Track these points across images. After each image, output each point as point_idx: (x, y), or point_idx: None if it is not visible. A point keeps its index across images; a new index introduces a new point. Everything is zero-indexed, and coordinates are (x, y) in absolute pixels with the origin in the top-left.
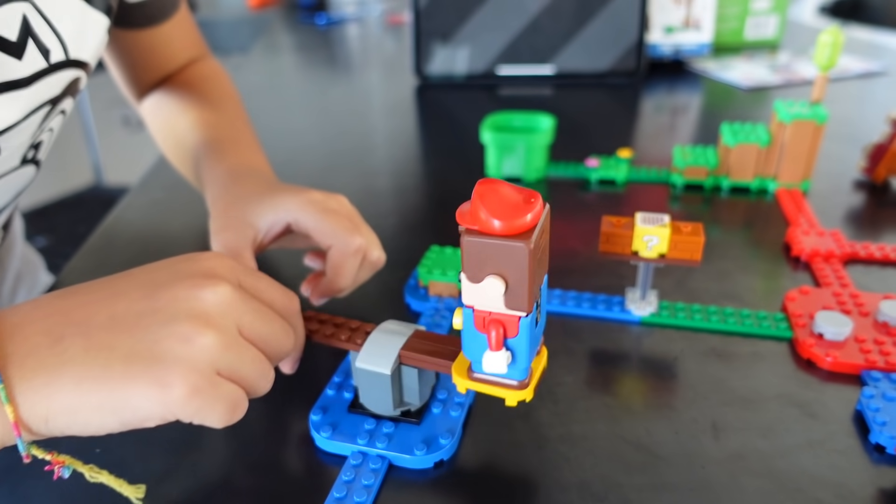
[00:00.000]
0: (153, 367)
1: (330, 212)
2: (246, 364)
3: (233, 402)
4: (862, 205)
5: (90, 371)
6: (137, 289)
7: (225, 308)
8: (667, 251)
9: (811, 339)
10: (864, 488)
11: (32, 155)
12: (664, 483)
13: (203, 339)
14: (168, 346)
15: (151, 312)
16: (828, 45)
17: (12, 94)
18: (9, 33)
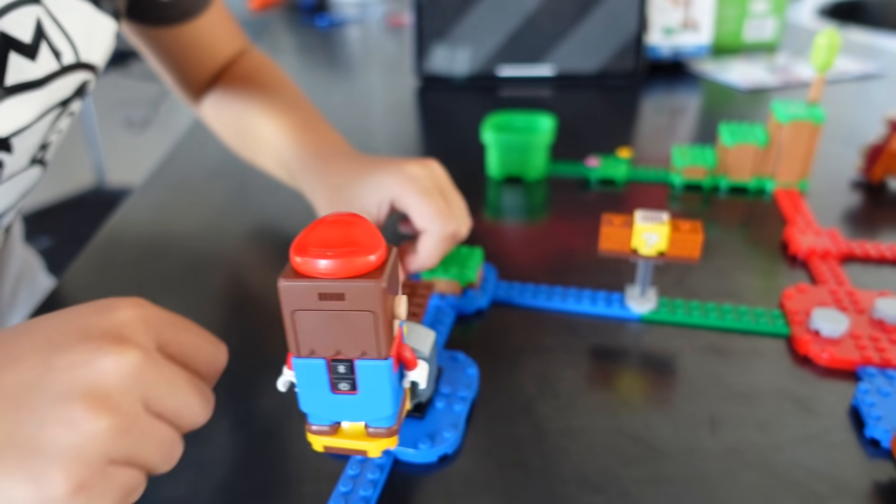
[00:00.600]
0: (31, 461)
1: (428, 194)
2: (147, 446)
3: (126, 490)
4: (859, 204)
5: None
6: (33, 352)
7: (128, 381)
8: (666, 249)
9: (808, 336)
10: (859, 481)
11: (41, 156)
12: (662, 476)
13: (93, 424)
14: (52, 434)
15: (40, 387)
16: (824, 47)
17: (27, 95)
18: (24, 35)
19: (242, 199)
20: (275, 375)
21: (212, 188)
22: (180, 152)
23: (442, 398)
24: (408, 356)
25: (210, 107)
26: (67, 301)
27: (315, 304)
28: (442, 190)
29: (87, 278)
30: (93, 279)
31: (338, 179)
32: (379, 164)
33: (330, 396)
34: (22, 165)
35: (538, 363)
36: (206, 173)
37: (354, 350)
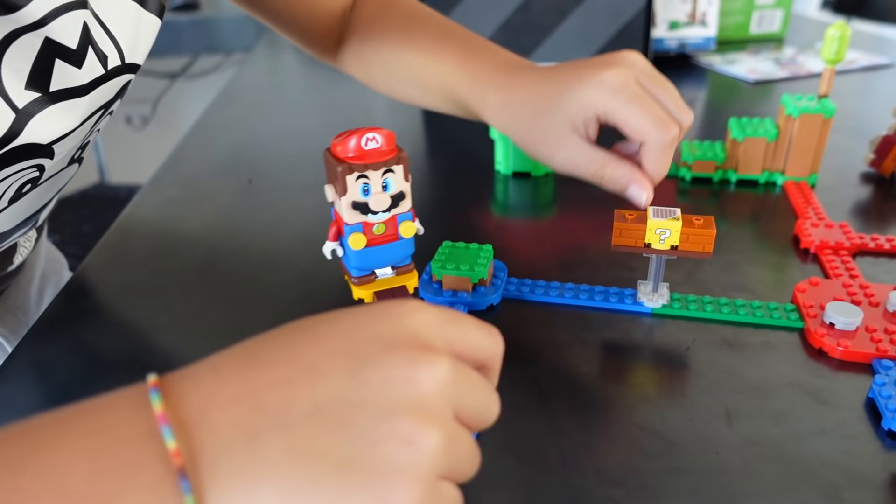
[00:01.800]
0: (373, 482)
1: (638, 99)
2: (463, 457)
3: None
4: (870, 197)
5: (297, 483)
6: (339, 364)
7: (443, 392)
8: (679, 244)
9: (822, 329)
10: (877, 473)
11: (79, 154)
12: (680, 468)
13: (428, 440)
14: (388, 452)
15: (361, 402)
16: (835, 39)
17: (72, 102)
18: (70, 42)
19: (251, 197)
20: None
21: (219, 185)
22: (186, 150)
23: None
24: None
25: (353, 59)
26: (82, 298)
27: None
28: (649, 86)
29: (99, 275)
30: (104, 276)
31: (528, 103)
32: (572, 76)
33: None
34: (62, 166)
35: (552, 358)
36: (214, 170)
37: None
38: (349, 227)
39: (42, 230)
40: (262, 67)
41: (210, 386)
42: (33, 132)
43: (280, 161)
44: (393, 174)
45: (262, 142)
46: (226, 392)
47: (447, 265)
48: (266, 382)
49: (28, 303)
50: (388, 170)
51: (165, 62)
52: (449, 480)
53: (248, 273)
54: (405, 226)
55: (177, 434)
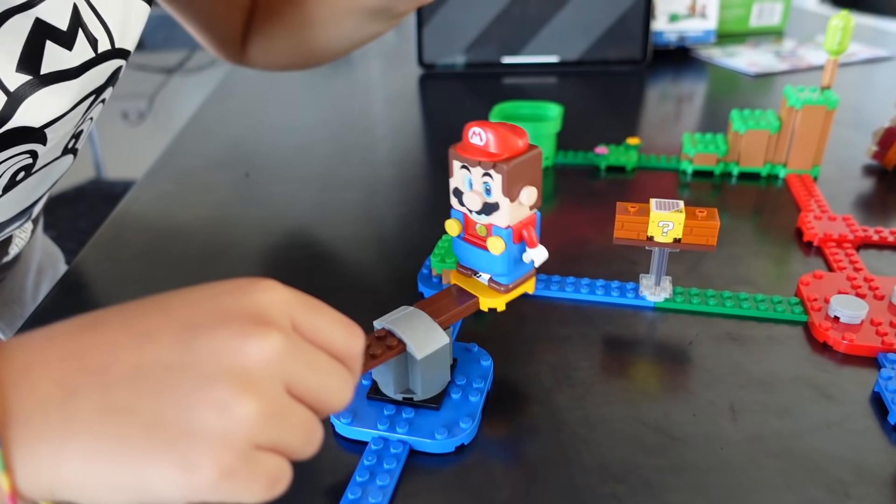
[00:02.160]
0: (178, 443)
1: None
2: (291, 431)
3: (272, 477)
4: (872, 190)
5: (103, 442)
6: (170, 331)
7: (272, 365)
8: (682, 236)
9: (827, 323)
10: (883, 468)
11: (73, 144)
12: (683, 464)
13: (242, 408)
14: (199, 416)
15: (183, 368)
16: (838, 30)
17: (63, 85)
18: (61, 23)
19: (246, 192)
20: None
21: (214, 179)
22: (182, 144)
23: (457, 389)
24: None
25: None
26: (77, 293)
27: None
28: None
29: (94, 270)
30: (99, 271)
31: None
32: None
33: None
34: (55, 155)
35: (553, 353)
36: (209, 164)
37: None
38: (452, 212)
39: (38, 223)
40: None
41: (40, 347)
42: (25, 115)
43: (277, 155)
44: (491, 180)
45: (259, 136)
46: (54, 353)
47: (447, 259)
48: (94, 345)
49: (24, 296)
50: (486, 173)
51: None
52: (274, 452)
53: (244, 268)
54: (493, 240)
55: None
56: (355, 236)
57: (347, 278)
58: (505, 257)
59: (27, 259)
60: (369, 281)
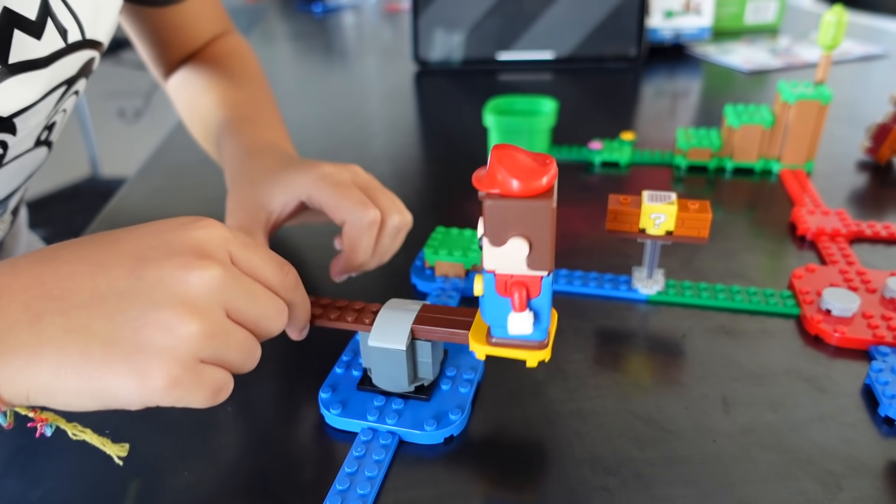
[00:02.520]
0: (133, 357)
1: (341, 186)
2: (231, 349)
3: (216, 387)
4: (866, 185)
5: (69, 356)
6: (122, 262)
7: (212, 293)
8: (674, 228)
9: (819, 316)
10: (874, 460)
11: (46, 136)
12: (676, 457)
13: (186, 328)
14: (149, 335)
15: (134, 294)
16: (832, 25)
17: (32, 74)
18: (29, 12)
19: None
20: (276, 359)
21: (208, 174)
22: (176, 139)
23: (447, 380)
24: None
25: (174, 84)
26: None
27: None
28: (364, 186)
29: None
30: None
31: (253, 175)
32: (298, 165)
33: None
34: (27, 146)
35: None
36: (203, 159)
37: None
38: None
39: (17, 214)
40: None
41: (4, 274)
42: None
43: None
44: None
45: None
46: (18, 282)
47: (440, 251)
48: (55, 275)
49: None
50: None
51: None
52: (217, 366)
53: None
54: (477, 278)
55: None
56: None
57: None
58: (484, 303)
59: (9, 254)
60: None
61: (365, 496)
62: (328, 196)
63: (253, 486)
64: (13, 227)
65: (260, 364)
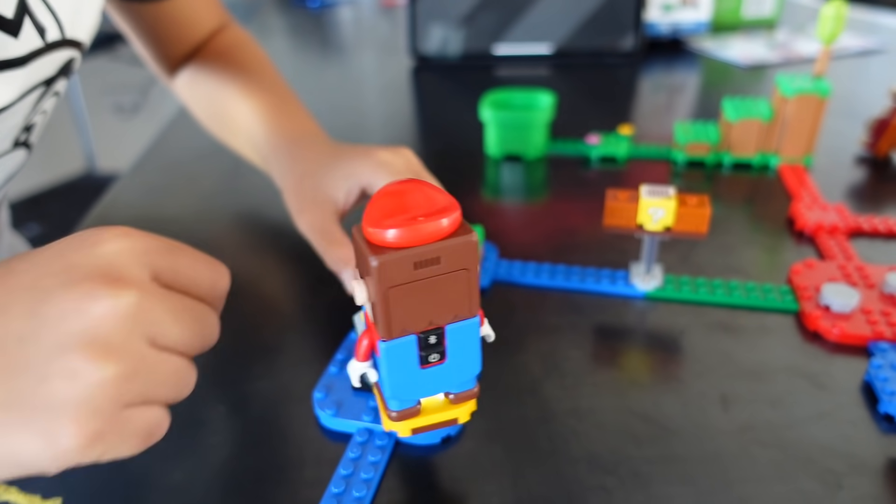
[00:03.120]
0: (37, 418)
1: (400, 176)
2: (160, 384)
3: (146, 430)
4: (864, 179)
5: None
6: (20, 299)
7: (127, 323)
8: (672, 224)
9: (818, 312)
10: (874, 457)
11: (25, 138)
12: (674, 455)
13: (98, 373)
14: (55, 389)
15: (34, 338)
16: (831, 18)
17: (8, 74)
18: (5, 10)
19: (234, 182)
20: (269, 359)
21: (203, 170)
22: (170, 134)
23: None
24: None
25: (184, 83)
26: None
27: (410, 275)
28: (416, 174)
29: None
30: None
31: (306, 166)
32: (349, 151)
33: (418, 373)
34: (4, 148)
35: (543, 343)
36: (197, 155)
37: (447, 315)
38: None
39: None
40: None
41: None
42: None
43: None
44: None
45: None
46: None
47: None
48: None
49: None
50: None
51: None
52: (147, 405)
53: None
54: None
55: None
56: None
57: None
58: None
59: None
60: None
61: (361, 499)
62: None
63: (245, 488)
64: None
65: (252, 363)
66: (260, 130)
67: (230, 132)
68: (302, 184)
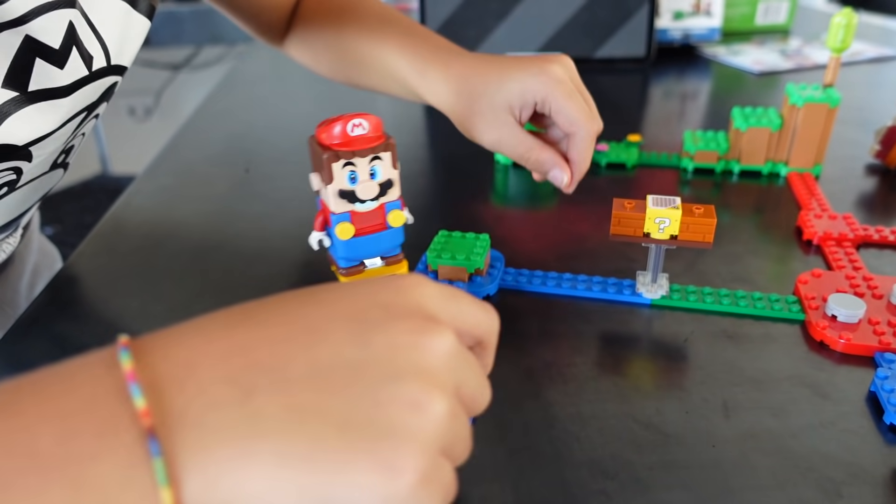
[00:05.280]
0: (378, 445)
1: (572, 96)
2: (462, 436)
3: (448, 485)
4: (874, 189)
5: (296, 445)
6: (340, 327)
7: (450, 364)
8: (679, 233)
9: (824, 322)
10: (877, 468)
11: (63, 159)
12: (675, 461)
13: (436, 406)
14: (394, 415)
15: (365, 364)
16: (841, 27)
17: (51, 103)
18: (53, 41)
19: (246, 187)
20: None
21: (215, 175)
22: (184, 139)
23: None
24: None
25: (299, 42)
26: (72, 287)
27: None
28: (579, 89)
29: (92, 263)
30: (96, 266)
31: (473, 86)
32: (515, 65)
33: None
34: (42, 171)
35: (547, 349)
36: (210, 160)
37: None
38: (336, 217)
39: (30, 227)
40: (264, 57)
41: (196, 343)
42: (8, 133)
43: (277, 151)
44: (381, 161)
45: (260, 132)
46: (215, 348)
47: (443, 255)
48: (260, 339)
49: (18, 298)
50: (375, 157)
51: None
52: (448, 459)
53: (242, 262)
54: (394, 214)
55: (151, 393)
56: None
57: None
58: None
59: (21, 260)
60: None
61: None
62: (563, 106)
63: None
64: (25, 237)
65: None
66: (398, 60)
67: (365, 74)
68: (477, 104)
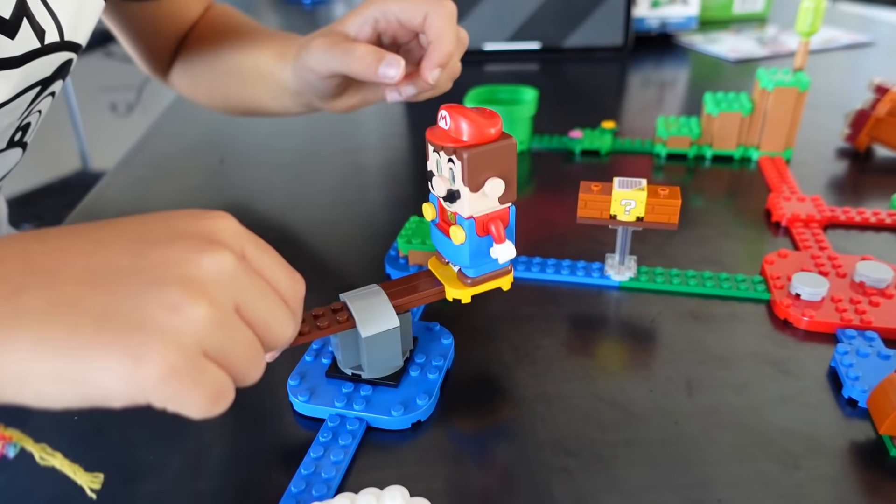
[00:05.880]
0: (129, 336)
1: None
2: (238, 347)
3: (216, 389)
4: (844, 172)
5: (51, 332)
6: (124, 242)
7: (223, 279)
8: (644, 214)
9: (788, 300)
10: (834, 440)
11: (19, 137)
12: (637, 438)
13: (194, 310)
14: (150, 313)
15: (136, 271)
16: (809, 11)
17: (2, 73)
18: (3, 11)
19: (220, 177)
20: None
21: (190, 166)
22: (159, 130)
23: (416, 367)
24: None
25: (180, 71)
26: None
27: None
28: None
29: None
30: None
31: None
32: None
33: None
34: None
35: (515, 332)
36: (185, 151)
37: None
38: (432, 196)
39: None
40: None
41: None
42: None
43: (253, 141)
44: (454, 166)
45: (236, 122)
46: (1, 255)
47: (413, 240)
48: (43, 249)
49: None
50: (450, 159)
51: None
52: (220, 367)
53: None
54: (454, 229)
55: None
56: (326, 220)
57: (316, 259)
58: (466, 249)
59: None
60: (337, 262)
61: (329, 480)
62: (404, 7)
63: (218, 472)
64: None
65: None
66: (267, 59)
67: (241, 84)
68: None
